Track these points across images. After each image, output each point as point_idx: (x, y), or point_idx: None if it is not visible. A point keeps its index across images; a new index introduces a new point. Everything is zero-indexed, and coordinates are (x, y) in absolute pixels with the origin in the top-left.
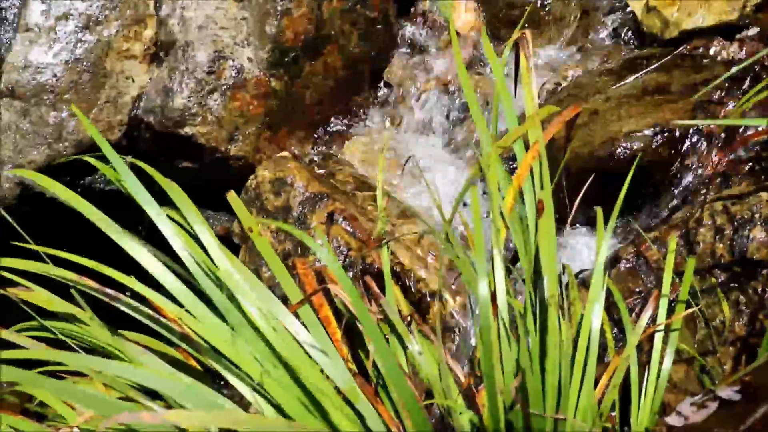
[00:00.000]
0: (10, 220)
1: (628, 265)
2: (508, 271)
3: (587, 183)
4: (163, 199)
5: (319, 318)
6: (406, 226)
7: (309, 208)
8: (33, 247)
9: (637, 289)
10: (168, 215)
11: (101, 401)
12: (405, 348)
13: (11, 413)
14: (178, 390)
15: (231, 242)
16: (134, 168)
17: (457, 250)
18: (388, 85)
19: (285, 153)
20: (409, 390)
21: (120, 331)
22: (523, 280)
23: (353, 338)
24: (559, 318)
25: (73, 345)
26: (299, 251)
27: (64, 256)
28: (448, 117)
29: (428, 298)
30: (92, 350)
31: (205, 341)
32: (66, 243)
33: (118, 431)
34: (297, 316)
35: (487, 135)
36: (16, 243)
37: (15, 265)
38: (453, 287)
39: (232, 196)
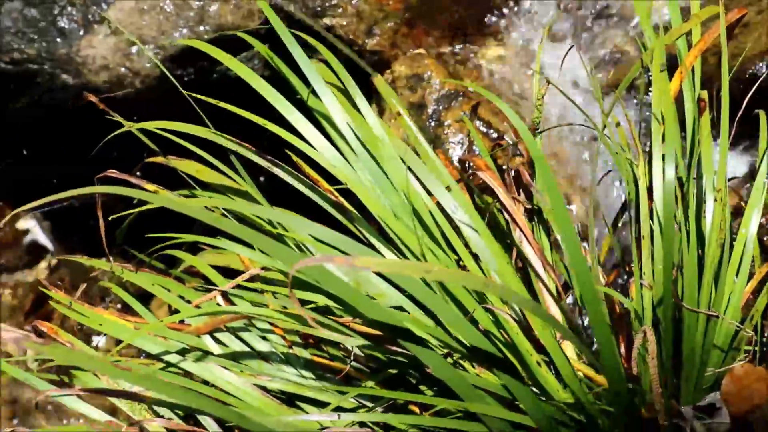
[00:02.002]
0: (172, 79)
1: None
2: None
3: (747, 96)
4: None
5: None
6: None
7: (444, 105)
8: (201, 97)
9: None
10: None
11: (286, 251)
12: (549, 237)
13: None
14: (358, 249)
15: None
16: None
17: (614, 145)
18: None
19: (421, 50)
20: (584, 262)
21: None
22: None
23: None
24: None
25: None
26: (433, 146)
27: (230, 109)
28: (594, 25)
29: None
30: (241, 220)
31: (361, 213)
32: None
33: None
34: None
35: (651, 28)
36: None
37: (176, 127)
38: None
39: (378, 80)
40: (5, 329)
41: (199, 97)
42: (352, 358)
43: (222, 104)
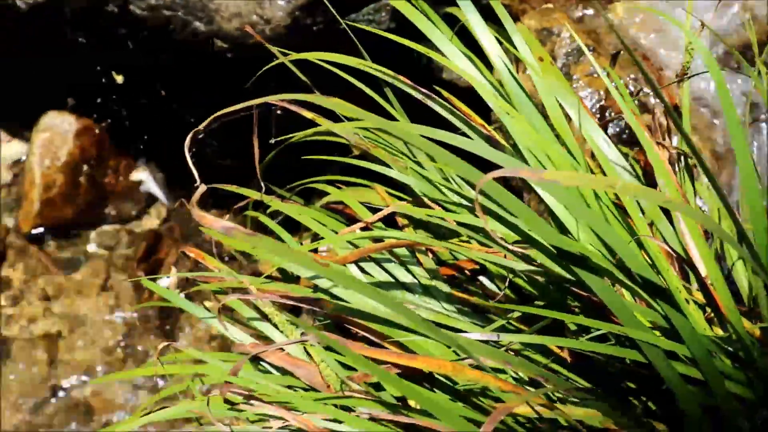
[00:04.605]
0: (330, 7)
1: None
2: None
3: None
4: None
5: None
6: None
7: (573, 60)
8: (362, 27)
9: None
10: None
11: (469, 167)
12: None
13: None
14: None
15: None
16: None
17: None
18: None
19: (550, 5)
20: (757, 189)
21: None
22: None
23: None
24: None
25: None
26: None
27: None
28: None
29: None
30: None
31: (516, 146)
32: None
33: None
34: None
35: None
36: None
37: (330, 58)
38: None
39: (522, 27)
40: (214, 220)
41: (360, 27)
42: (506, 284)
43: (382, 33)
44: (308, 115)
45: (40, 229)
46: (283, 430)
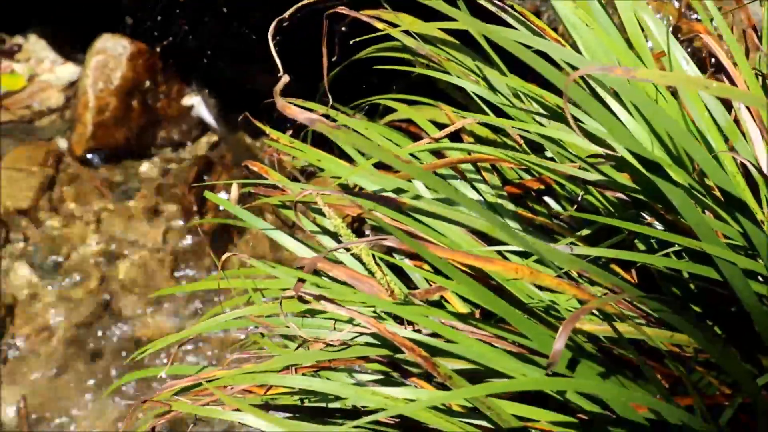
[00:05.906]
0: None
1: None
2: None
3: None
4: None
5: None
6: None
7: None
8: None
9: None
10: None
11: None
12: None
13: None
14: None
15: None
16: None
17: None
18: None
19: None
20: None
21: None
22: None
23: None
24: None
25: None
26: None
27: None
28: None
29: None
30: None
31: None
32: None
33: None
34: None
35: None
36: None
37: None
38: None
39: None
40: (299, 111)
41: None
42: (580, 197)
43: None
44: (380, 25)
45: (93, 153)
46: (354, 333)
